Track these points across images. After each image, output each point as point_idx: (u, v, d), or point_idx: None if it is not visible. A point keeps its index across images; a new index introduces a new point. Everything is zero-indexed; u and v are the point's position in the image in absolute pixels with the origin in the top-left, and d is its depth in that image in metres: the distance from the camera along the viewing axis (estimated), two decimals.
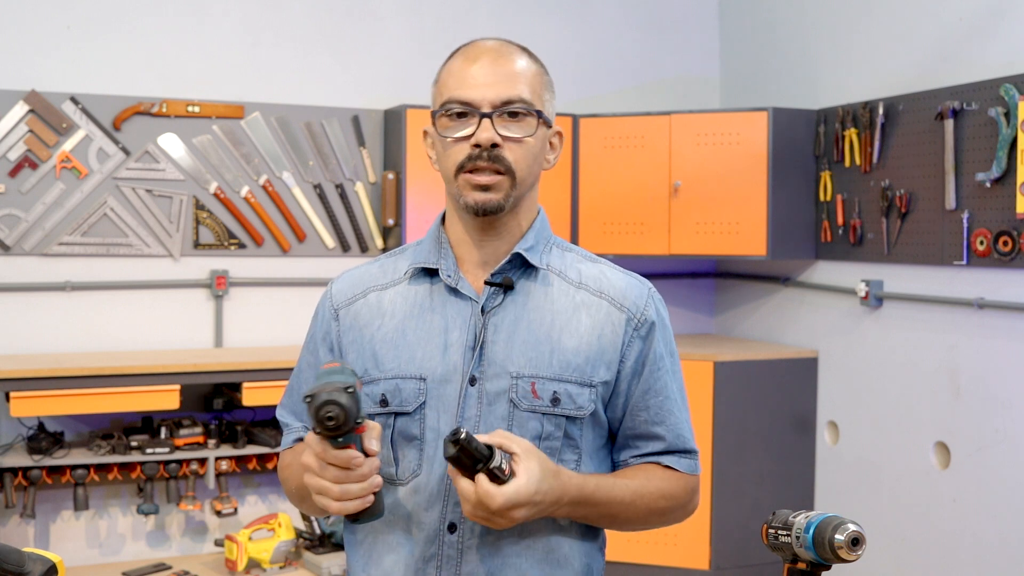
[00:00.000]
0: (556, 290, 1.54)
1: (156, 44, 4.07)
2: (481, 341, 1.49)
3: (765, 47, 4.67)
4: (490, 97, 1.47)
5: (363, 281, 1.60)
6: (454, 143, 1.49)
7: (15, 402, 3.50)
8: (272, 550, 3.80)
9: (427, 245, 1.58)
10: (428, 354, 1.50)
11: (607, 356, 1.52)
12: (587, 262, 1.59)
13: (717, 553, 4.15)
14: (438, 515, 1.48)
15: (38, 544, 3.83)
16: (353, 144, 4.34)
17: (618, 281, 1.57)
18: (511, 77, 1.49)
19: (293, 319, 4.21)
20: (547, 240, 1.58)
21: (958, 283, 3.58)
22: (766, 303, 4.67)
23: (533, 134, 1.50)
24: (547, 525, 1.49)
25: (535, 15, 4.64)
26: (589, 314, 1.53)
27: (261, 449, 3.90)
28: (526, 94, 1.49)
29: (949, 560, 3.60)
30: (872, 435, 3.99)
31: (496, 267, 1.52)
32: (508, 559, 1.47)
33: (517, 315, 1.51)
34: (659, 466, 1.55)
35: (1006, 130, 3.29)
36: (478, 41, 1.54)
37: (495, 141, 1.46)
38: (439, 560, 1.47)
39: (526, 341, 1.49)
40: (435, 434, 1.49)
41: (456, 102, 1.48)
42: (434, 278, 1.55)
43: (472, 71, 1.49)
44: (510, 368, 1.48)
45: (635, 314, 1.54)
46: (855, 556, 1.27)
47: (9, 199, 3.86)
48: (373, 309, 1.56)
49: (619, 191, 4.34)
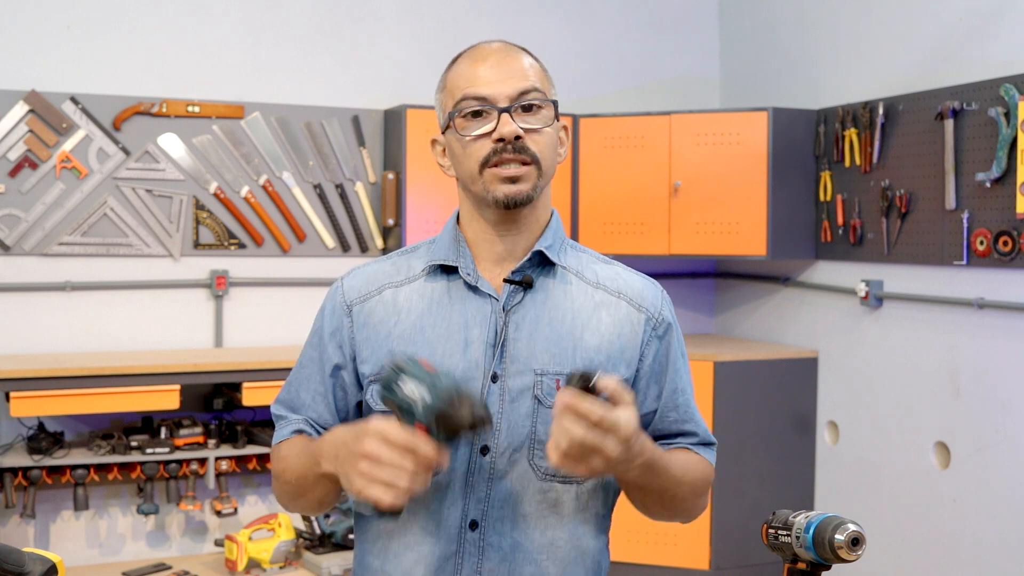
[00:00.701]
0: (575, 289, 1.55)
1: (156, 44, 4.07)
2: (503, 338, 1.49)
3: (765, 47, 4.67)
4: (506, 92, 1.48)
5: (377, 278, 1.59)
6: (474, 140, 1.48)
7: (15, 402, 3.50)
8: (272, 550, 3.80)
9: (444, 243, 1.57)
10: (448, 351, 1.50)
11: (627, 355, 1.53)
12: (601, 263, 1.61)
13: (717, 553, 4.14)
14: (459, 512, 1.47)
15: (38, 544, 3.83)
16: (353, 144, 4.34)
17: (634, 282, 1.59)
18: (521, 71, 1.50)
19: (293, 319, 4.21)
20: (562, 240, 1.59)
21: (958, 283, 3.58)
22: (766, 303, 4.67)
23: (551, 124, 1.51)
24: (569, 522, 1.50)
25: (535, 15, 4.64)
26: (609, 313, 1.54)
27: (261, 449, 3.90)
28: (539, 85, 1.51)
29: (949, 560, 3.60)
30: (872, 435, 3.99)
31: (516, 264, 1.53)
32: (528, 555, 1.48)
33: (538, 313, 1.52)
34: (695, 454, 1.59)
35: (1006, 130, 3.29)
36: (481, 44, 1.55)
37: (518, 133, 1.47)
38: (459, 557, 1.47)
39: (548, 338, 1.50)
40: None
41: (472, 99, 1.48)
42: (451, 276, 1.55)
43: (481, 70, 1.49)
44: (534, 365, 1.49)
45: (653, 315, 1.57)
46: (855, 556, 1.27)
47: (9, 199, 3.86)
48: (389, 306, 1.55)
49: (619, 191, 4.34)
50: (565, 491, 1.50)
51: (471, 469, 1.47)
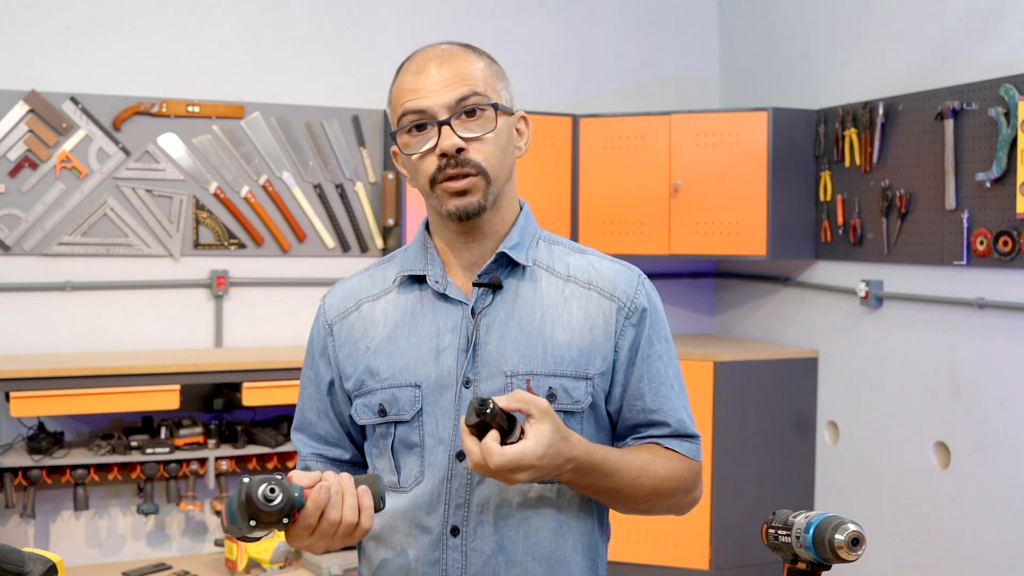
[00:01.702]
0: (545, 285, 1.54)
1: (156, 44, 4.07)
2: (474, 343, 1.49)
3: (765, 47, 4.67)
4: (443, 101, 1.46)
5: (355, 293, 1.61)
6: (420, 158, 1.48)
7: (15, 402, 3.50)
8: (272, 550, 3.80)
9: (413, 252, 1.58)
10: (421, 360, 1.50)
11: (601, 347, 1.51)
12: (575, 253, 1.59)
13: (717, 553, 4.14)
14: (440, 519, 1.47)
15: (38, 544, 3.83)
16: (353, 144, 4.34)
17: (606, 270, 1.56)
18: (459, 76, 1.48)
19: (293, 319, 4.21)
20: (533, 235, 1.57)
21: (958, 283, 3.58)
22: (766, 303, 4.67)
23: (494, 128, 1.49)
24: (551, 520, 1.49)
25: (535, 15, 4.64)
26: (579, 306, 1.52)
27: (261, 449, 3.90)
28: (479, 88, 1.48)
29: (949, 560, 3.60)
30: (872, 435, 3.99)
31: (482, 268, 1.52)
32: (512, 557, 1.47)
33: (507, 313, 1.51)
34: (662, 447, 1.54)
35: (1006, 130, 3.29)
36: (420, 51, 1.53)
37: (459, 146, 1.45)
38: (444, 564, 1.47)
39: (518, 338, 1.49)
40: (435, 440, 1.48)
41: (411, 113, 1.48)
42: (423, 285, 1.55)
43: (420, 81, 1.48)
44: (504, 367, 1.48)
45: (625, 302, 1.54)
46: (855, 556, 1.27)
47: (9, 199, 3.86)
48: (366, 320, 1.57)
49: (619, 191, 4.34)
50: (547, 490, 1.49)
51: (448, 476, 1.47)
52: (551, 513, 1.49)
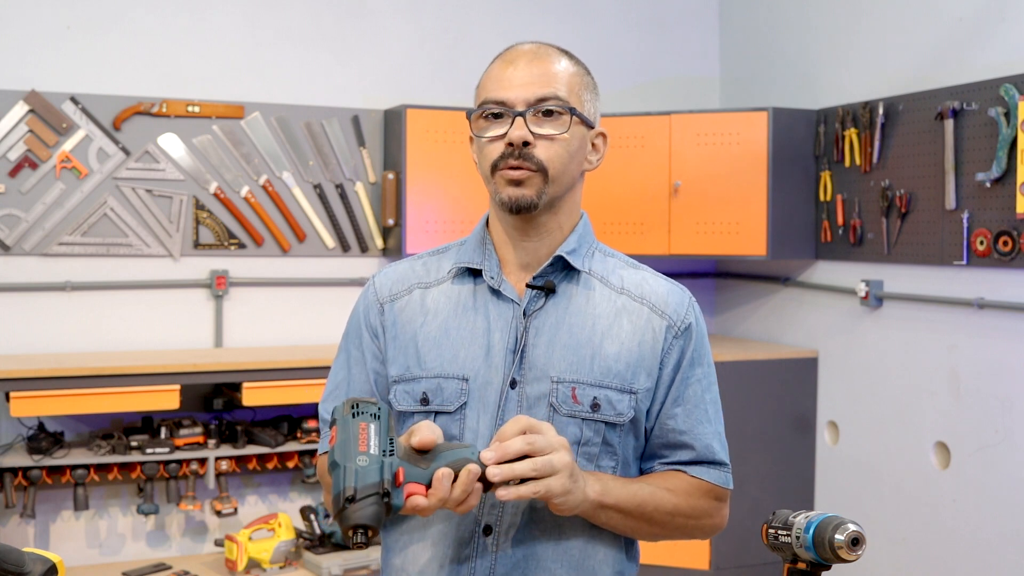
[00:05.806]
0: (598, 295, 1.54)
1: (156, 44, 4.07)
2: (522, 344, 1.49)
3: (765, 47, 4.67)
4: (524, 96, 1.48)
5: (407, 278, 1.60)
6: (489, 142, 1.50)
7: (15, 402, 3.50)
8: (272, 550, 3.80)
9: (471, 245, 1.58)
10: (471, 355, 1.50)
11: (647, 363, 1.52)
12: (629, 268, 1.60)
13: (717, 553, 4.15)
14: (473, 517, 1.47)
15: (38, 544, 3.83)
16: (353, 144, 4.33)
17: (659, 288, 1.58)
18: (547, 76, 1.50)
19: (293, 319, 4.21)
20: (590, 244, 1.59)
21: (958, 283, 3.58)
22: (766, 303, 4.67)
23: (567, 131, 1.50)
24: (582, 530, 1.49)
25: (535, 15, 4.64)
26: (630, 320, 1.53)
27: (261, 449, 3.90)
28: (562, 92, 1.50)
29: (949, 560, 3.60)
30: (872, 435, 3.99)
31: (538, 270, 1.53)
32: (542, 562, 1.47)
33: (558, 319, 1.51)
34: (685, 475, 1.54)
35: (1006, 130, 3.29)
36: (516, 45, 1.56)
37: (526, 139, 1.47)
38: (473, 561, 1.47)
39: (567, 345, 1.50)
40: (474, 435, 1.48)
41: (492, 102, 1.50)
42: (477, 279, 1.55)
43: (508, 73, 1.50)
44: (551, 372, 1.48)
45: (675, 321, 1.55)
46: (855, 556, 1.27)
47: (9, 199, 3.86)
48: (417, 306, 1.57)
49: (619, 191, 4.34)
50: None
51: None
52: (583, 523, 1.48)
